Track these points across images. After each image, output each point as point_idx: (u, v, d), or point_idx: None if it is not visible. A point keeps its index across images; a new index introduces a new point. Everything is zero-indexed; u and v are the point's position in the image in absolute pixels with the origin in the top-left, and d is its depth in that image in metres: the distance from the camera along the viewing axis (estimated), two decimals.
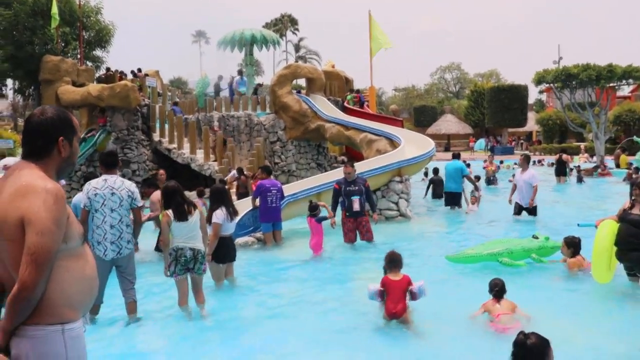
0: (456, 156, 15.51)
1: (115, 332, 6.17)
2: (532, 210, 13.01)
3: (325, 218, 10.19)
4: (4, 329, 2.52)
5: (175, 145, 20.27)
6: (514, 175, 22.03)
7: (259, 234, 11.07)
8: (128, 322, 6.35)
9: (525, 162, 13.54)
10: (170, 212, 6.51)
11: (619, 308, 6.63)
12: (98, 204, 6.06)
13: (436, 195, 17.02)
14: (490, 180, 21.82)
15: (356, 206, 10.45)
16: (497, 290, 6.24)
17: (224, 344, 5.89)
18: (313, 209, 10.05)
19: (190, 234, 6.55)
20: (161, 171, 11.55)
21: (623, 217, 7.26)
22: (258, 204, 10.81)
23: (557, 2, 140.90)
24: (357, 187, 10.54)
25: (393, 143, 15.58)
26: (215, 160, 18.61)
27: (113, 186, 6.14)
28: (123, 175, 10.84)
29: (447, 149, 47.02)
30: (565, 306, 6.79)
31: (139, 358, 5.57)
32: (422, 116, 60.02)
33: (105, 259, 6.04)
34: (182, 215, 6.49)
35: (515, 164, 31.92)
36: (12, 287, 2.48)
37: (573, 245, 8.31)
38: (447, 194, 15.18)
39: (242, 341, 5.95)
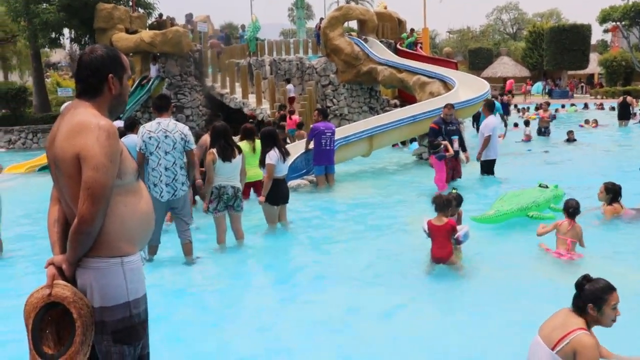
0: (494, 97, 16.50)
1: (172, 271, 6.37)
2: (485, 167, 11.19)
3: (445, 156, 10.17)
4: (68, 260, 2.64)
5: (227, 90, 20.38)
6: (587, 122, 21.41)
7: (311, 177, 11.13)
8: (186, 262, 6.54)
9: (487, 108, 11.56)
10: (214, 150, 6.77)
11: None
12: (152, 147, 6.18)
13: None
14: (542, 131, 19.04)
15: (456, 145, 10.51)
16: (572, 210, 6.34)
17: (276, 284, 6.02)
18: (435, 147, 10.15)
19: (233, 174, 6.91)
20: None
21: None
22: (312, 146, 10.83)
23: None
24: (454, 127, 10.62)
25: (447, 85, 15.23)
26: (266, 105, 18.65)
27: (166, 129, 6.23)
28: (177, 120, 10.97)
29: (502, 93, 45.60)
30: (621, 249, 6.61)
31: (196, 296, 5.74)
32: (477, 59, 58.16)
33: (161, 201, 6.20)
34: (226, 155, 6.79)
35: (582, 107, 30.83)
36: (73, 222, 2.58)
37: (613, 192, 7.84)
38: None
39: (293, 281, 6.07)
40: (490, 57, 58.82)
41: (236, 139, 8.14)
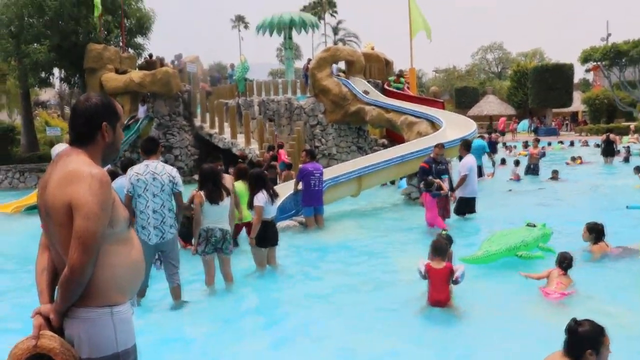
0: (480, 136, 18.08)
1: (160, 316, 6.28)
2: (462, 206, 11.10)
3: (439, 194, 10.34)
4: (56, 310, 2.60)
5: (216, 130, 20.46)
6: (573, 159, 21.67)
7: (300, 218, 11.11)
8: (174, 307, 6.45)
9: (463, 148, 11.68)
10: (202, 193, 6.78)
11: None
12: (140, 189, 6.16)
13: None
14: (531, 169, 18.73)
15: (446, 185, 10.64)
16: (566, 263, 6.43)
17: (266, 326, 5.94)
18: (429, 185, 10.25)
19: (221, 216, 6.90)
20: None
21: None
22: (300, 187, 10.84)
23: None
24: (444, 167, 10.82)
25: (434, 125, 15.39)
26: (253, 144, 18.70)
27: (154, 171, 6.21)
28: (165, 161, 10.98)
29: (489, 132, 46.14)
30: (615, 289, 6.62)
31: (185, 342, 5.65)
32: (463, 97, 59.01)
33: (149, 243, 6.14)
34: (214, 197, 6.80)
35: (568, 144, 31.20)
36: (63, 270, 2.55)
37: (596, 231, 7.93)
38: None
39: (284, 324, 6.00)
40: (476, 95, 59.72)
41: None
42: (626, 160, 21.83)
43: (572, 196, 13.92)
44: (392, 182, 16.59)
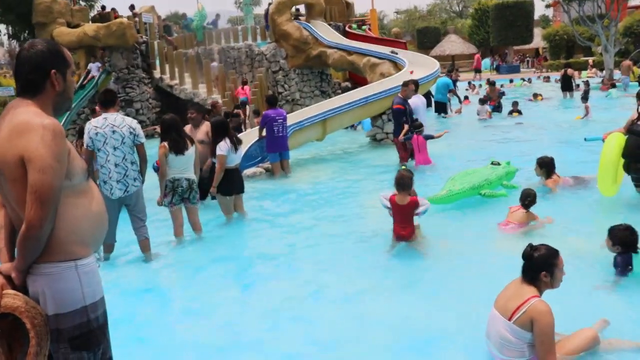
0: (448, 73, 19.76)
1: (129, 269, 6.27)
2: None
3: (432, 136, 10.69)
4: (17, 268, 2.54)
5: (177, 81, 20.04)
6: (534, 96, 21.85)
7: (266, 165, 11.09)
8: (143, 259, 6.44)
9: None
10: (166, 144, 6.69)
11: (627, 219, 6.60)
12: (100, 143, 6.03)
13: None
14: (495, 108, 18.24)
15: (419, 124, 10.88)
16: (529, 200, 6.60)
17: (238, 275, 5.99)
18: (418, 127, 10.46)
19: (186, 166, 6.83)
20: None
21: (631, 129, 7.21)
22: (264, 134, 10.77)
23: None
24: (410, 107, 10.83)
25: (397, 66, 15.34)
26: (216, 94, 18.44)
27: (114, 124, 6.08)
28: (127, 114, 10.73)
29: (451, 70, 46.21)
30: (572, 217, 6.83)
31: (156, 293, 5.68)
32: (425, 38, 58.63)
33: (112, 198, 6.07)
34: (178, 148, 6.72)
35: (528, 80, 31.47)
36: (20, 227, 2.48)
37: (545, 165, 8.14)
38: (436, 103, 18.96)
39: (254, 270, 6.08)
40: (438, 35, 59.40)
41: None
42: (585, 94, 22.17)
43: (533, 132, 14.15)
44: (353, 126, 16.52)
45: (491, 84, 20.44)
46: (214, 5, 37.08)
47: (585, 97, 17.88)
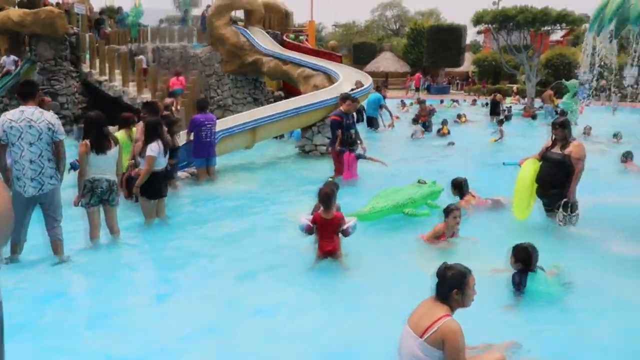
0: (377, 89, 19.42)
1: (38, 272, 5.99)
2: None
3: (364, 157, 10.77)
4: None
5: (106, 77, 19.46)
6: (459, 117, 22.59)
7: (192, 169, 10.92)
8: (55, 262, 6.17)
9: (343, 101, 11.01)
10: (87, 142, 6.47)
11: (536, 241, 6.90)
12: (14, 137, 5.75)
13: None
14: (425, 126, 18.69)
15: (355, 138, 10.99)
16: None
17: (153, 282, 5.87)
18: (352, 144, 10.64)
19: (107, 166, 6.62)
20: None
21: (544, 156, 7.59)
22: (192, 138, 10.62)
23: None
24: (351, 121, 10.97)
25: (331, 79, 15.49)
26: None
27: (31, 118, 5.81)
28: (51, 108, 10.32)
29: (379, 86, 47.07)
30: (487, 238, 7.08)
31: (66, 298, 5.47)
32: (361, 53, 59.55)
33: (25, 195, 5.80)
34: (101, 146, 6.49)
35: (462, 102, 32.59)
36: None
37: (457, 186, 8.45)
38: (367, 118, 19.03)
39: (170, 278, 5.96)
40: (374, 51, 60.47)
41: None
42: (507, 119, 23.19)
43: (459, 153, 14.62)
44: (282, 136, 16.51)
45: (421, 102, 21.07)
46: (150, 2, 36.27)
47: (501, 121, 18.63)
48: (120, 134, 8.39)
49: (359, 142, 11.16)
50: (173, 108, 13.48)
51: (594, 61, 7.92)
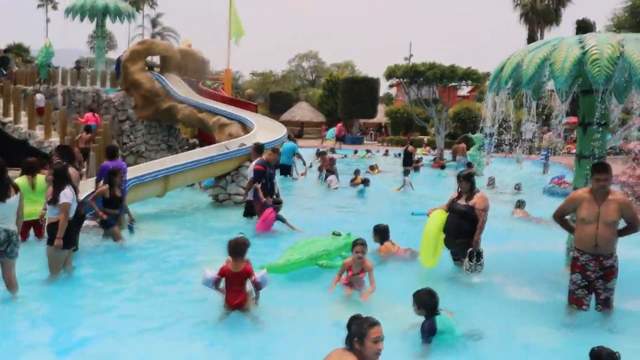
0: (291, 138, 20.47)
1: None
2: (248, 209, 11.56)
3: (284, 221, 10.61)
4: None
5: (11, 119, 18.63)
6: (371, 168, 23.20)
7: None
8: None
9: (255, 152, 11.86)
10: None
11: (443, 289, 7.13)
12: None
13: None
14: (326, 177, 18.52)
15: (276, 190, 11.22)
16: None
17: (54, 339, 5.58)
18: (278, 203, 10.68)
19: (7, 215, 6.27)
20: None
21: (450, 207, 7.94)
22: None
23: (412, 2, 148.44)
24: (273, 170, 11.22)
25: (246, 128, 15.59)
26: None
27: None
28: None
29: (299, 136, 47.87)
30: (395, 287, 7.23)
31: None
32: (277, 102, 60.38)
33: None
34: (1, 194, 6.14)
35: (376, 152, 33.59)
36: None
37: (380, 232, 8.74)
38: (281, 166, 18.68)
39: (72, 336, 5.67)
40: (290, 101, 61.49)
41: None
42: (416, 169, 24.17)
43: (370, 203, 14.98)
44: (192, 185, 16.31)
45: (321, 153, 21.73)
46: (63, 42, 35.44)
47: (407, 172, 19.26)
48: (21, 180, 8.04)
49: (276, 192, 11.35)
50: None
51: (495, 117, 8.44)
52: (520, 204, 13.51)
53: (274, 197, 11.09)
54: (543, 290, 7.19)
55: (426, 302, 5.55)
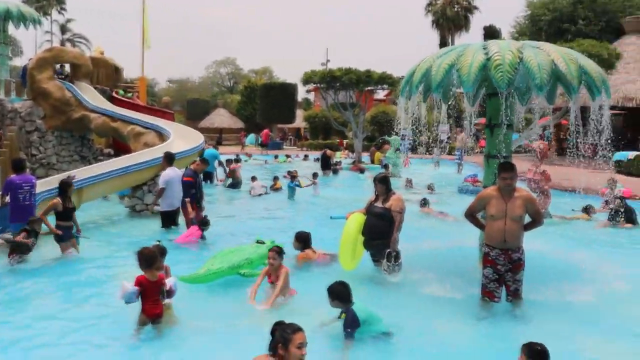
0: (214, 146, 21.59)
1: None
2: (164, 219, 11.46)
3: (202, 236, 10.31)
4: None
5: None
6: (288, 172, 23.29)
7: (7, 235, 10.00)
8: None
9: (166, 161, 11.65)
10: None
11: (365, 290, 7.28)
12: None
13: None
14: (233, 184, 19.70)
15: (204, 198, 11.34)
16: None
17: None
18: (205, 223, 10.38)
19: None
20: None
21: (368, 210, 8.14)
22: (7, 201, 9.81)
23: (328, 8, 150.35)
24: (201, 179, 11.40)
25: (162, 136, 15.30)
26: None
27: None
28: None
29: (219, 143, 47.47)
30: (314, 292, 7.30)
31: None
32: (195, 109, 59.71)
33: None
34: None
35: (295, 157, 33.83)
36: None
37: (299, 239, 8.82)
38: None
39: None
40: (208, 108, 60.97)
41: None
42: (335, 172, 24.59)
43: (291, 208, 15.06)
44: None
45: (230, 161, 21.82)
46: None
47: (315, 174, 19.56)
48: None
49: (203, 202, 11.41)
50: None
51: (409, 120, 8.73)
52: (424, 202, 14.25)
53: (203, 216, 10.89)
54: (458, 285, 7.46)
55: (339, 292, 5.72)
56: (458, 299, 7.14)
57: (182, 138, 15.02)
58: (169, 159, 11.63)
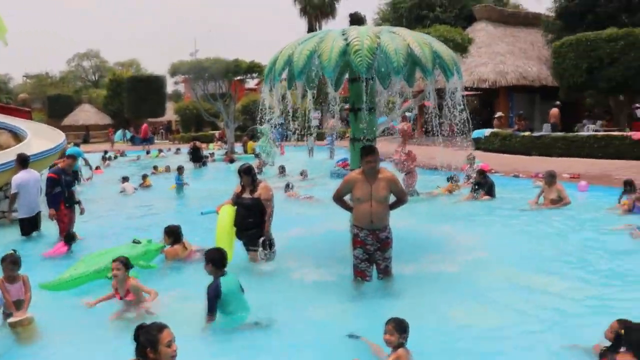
0: (77, 144, 21.22)
1: None
2: (21, 228, 10.54)
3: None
4: None
5: None
6: (155, 168, 22.61)
7: None
8: None
9: (18, 163, 10.77)
10: None
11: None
12: None
13: None
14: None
15: (76, 196, 10.75)
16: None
17: None
18: (72, 238, 9.41)
19: None
20: None
21: (237, 202, 8.09)
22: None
23: None
24: (70, 178, 10.64)
25: (18, 137, 14.26)
26: None
27: None
28: None
29: (86, 141, 45.07)
30: (188, 287, 7.12)
31: None
32: (57, 106, 55.99)
33: None
34: None
35: (168, 151, 32.86)
36: None
37: (172, 234, 8.50)
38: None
39: None
40: (72, 104, 57.54)
41: None
42: (204, 164, 24.47)
43: (162, 205, 14.62)
44: None
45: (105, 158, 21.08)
46: None
47: (155, 167, 19.14)
48: None
49: (78, 202, 10.75)
50: None
51: (275, 108, 8.73)
52: (288, 186, 14.94)
53: (71, 231, 10.09)
54: (332, 268, 7.61)
55: (213, 256, 5.84)
56: (332, 282, 7.27)
57: (42, 138, 14.09)
58: (22, 161, 10.75)
